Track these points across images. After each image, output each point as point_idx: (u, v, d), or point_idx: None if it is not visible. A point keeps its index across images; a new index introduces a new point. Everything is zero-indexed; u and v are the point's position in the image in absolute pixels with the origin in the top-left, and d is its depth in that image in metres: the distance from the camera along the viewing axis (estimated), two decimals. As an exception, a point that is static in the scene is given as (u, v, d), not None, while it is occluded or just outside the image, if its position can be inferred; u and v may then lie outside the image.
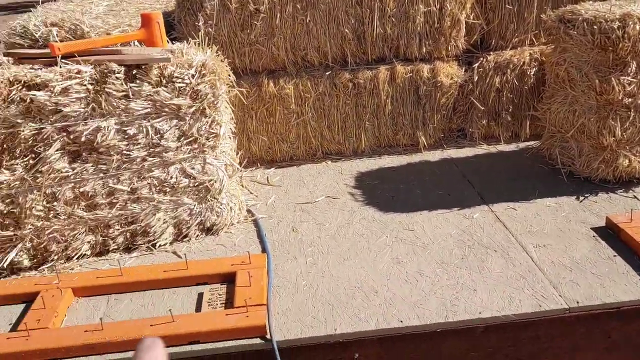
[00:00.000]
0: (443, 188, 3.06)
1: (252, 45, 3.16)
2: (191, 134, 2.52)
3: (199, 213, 2.67)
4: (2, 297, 2.34)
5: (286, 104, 3.29)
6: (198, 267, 2.41)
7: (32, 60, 2.44)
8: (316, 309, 2.19)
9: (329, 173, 3.31)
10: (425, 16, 3.21)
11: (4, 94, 2.24)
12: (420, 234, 2.65)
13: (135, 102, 2.38)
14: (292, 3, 3.08)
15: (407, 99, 3.38)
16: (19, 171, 2.35)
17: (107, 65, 2.33)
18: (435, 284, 2.29)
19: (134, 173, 2.49)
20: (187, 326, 2.06)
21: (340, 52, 3.26)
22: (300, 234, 2.71)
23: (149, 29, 2.56)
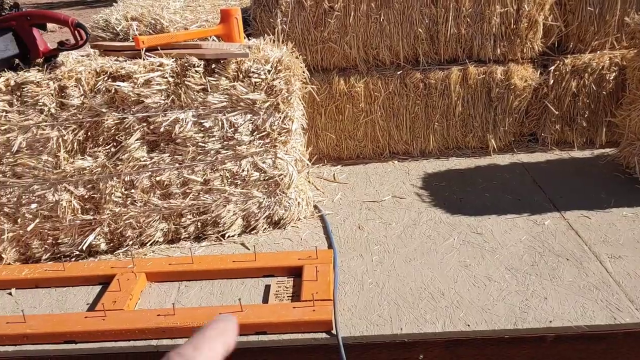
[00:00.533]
0: (513, 192, 3.00)
1: (325, 43, 3.19)
2: (264, 128, 2.56)
3: (267, 206, 2.71)
4: (80, 278, 2.45)
5: (356, 102, 3.30)
6: (266, 259, 2.45)
7: (117, 53, 2.54)
8: (382, 307, 2.19)
9: (395, 173, 3.31)
10: (502, 17, 3.15)
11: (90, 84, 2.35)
12: (489, 238, 2.61)
13: (213, 95, 2.45)
14: (367, 2, 3.09)
15: (479, 100, 3.33)
16: (101, 158, 2.45)
17: (188, 59, 2.41)
18: (504, 290, 2.25)
19: (207, 165, 2.56)
20: (254, 316, 2.11)
21: (412, 51, 3.24)
22: (366, 232, 2.71)
23: (228, 24, 2.62)
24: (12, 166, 2.40)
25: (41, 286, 2.46)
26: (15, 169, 2.40)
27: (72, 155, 2.44)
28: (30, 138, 2.37)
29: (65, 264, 2.52)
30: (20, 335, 2.11)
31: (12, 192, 2.44)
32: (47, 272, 2.48)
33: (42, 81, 2.33)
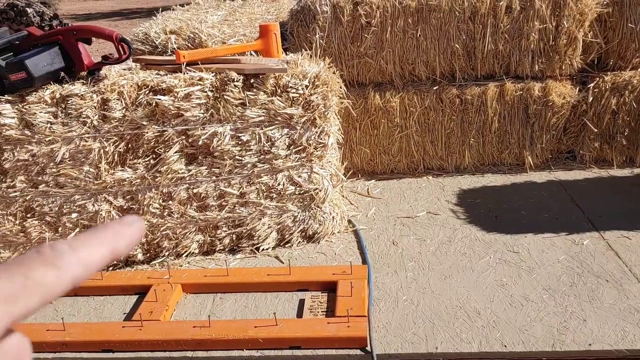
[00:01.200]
0: (550, 211, 2.95)
1: (361, 58, 3.20)
2: (300, 143, 2.58)
3: (302, 220, 2.72)
4: (118, 288, 2.49)
5: (391, 117, 3.30)
6: (300, 274, 2.46)
7: (158, 66, 2.59)
8: (417, 325, 2.17)
9: (430, 188, 3.29)
10: (540, 33, 3.12)
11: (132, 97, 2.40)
12: (526, 257, 2.57)
13: (251, 109, 2.48)
14: (404, 17, 3.09)
15: (516, 117, 3.30)
16: (140, 170, 2.50)
17: (227, 73, 2.44)
18: (542, 310, 2.21)
19: (244, 178, 2.59)
20: (289, 330, 2.11)
21: (448, 67, 3.23)
22: (400, 248, 2.70)
23: (267, 39, 2.66)
24: (55, 176, 2.45)
25: (80, 294, 2.51)
26: (58, 179, 2.46)
27: (113, 167, 2.49)
28: (73, 149, 2.43)
29: (103, 272, 2.57)
30: (59, 343, 2.15)
31: (54, 202, 2.50)
32: (86, 281, 2.52)
33: (86, 94, 2.39)
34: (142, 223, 0.47)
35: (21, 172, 2.44)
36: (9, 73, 2.29)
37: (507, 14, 3.09)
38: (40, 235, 2.53)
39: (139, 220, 0.47)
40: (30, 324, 2.31)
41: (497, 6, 3.07)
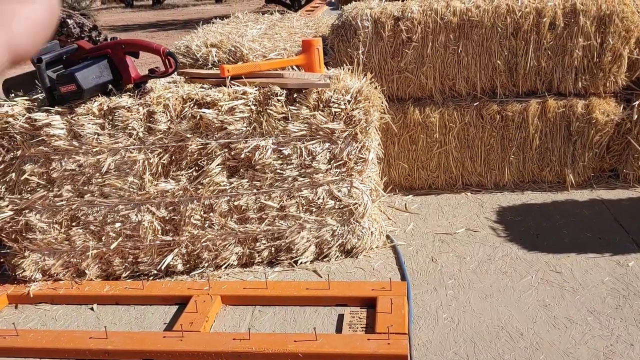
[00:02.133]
0: (592, 230, 2.90)
1: (401, 73, 3.20)
2: (341, 157, 2.58)
3: (340, 235, 2.72)
4: (158, 298, 2.52)
5: (430, 132, 3.29)
6: (339, 288, 2.45)
7: (202, 80, 2.63)
8: (458, 344, 2.15)
9: (468, 205, 3.26)
10: (584, 50, 3.08)
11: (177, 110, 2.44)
12: (569, 277, 2.52)
13: (293, 124, 2.49)
14: (445, 33, 3.09)
15: (557, 134, 3.25)
16: (183, 182, 2.53)
17: (271, 88, 2.46)
18: (587, 333, 2.17)
19: (284, 191, 2.60)
20: (329, 346, 2.10)
21: (489, 83, 3.21)
22: (439, 265, 2.68)
23: (309, 54, 2.68)
24: (101, 186, 2.50)
25: (121, 303, 2.54)
26: (103, 189, 2.51)
27: (156, 178, 2.53)
28: (119, 160, 2.47)
29: (144, 282, 2.60)
30: (102, 351, 2.18)
31: (99, 211, 2.55)
32: (127, 290, 2.56)
33: (132, 106, 2.44)
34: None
35: (68, 182, 2.49)
36: (59, 85, 2.35)
37: (551, 30, 3.06)
38: (84, 244, 2.57)
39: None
40: (72, 331, 2.36)
41: (540, 22, 3.04)
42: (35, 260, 2.61)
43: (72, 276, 2.67)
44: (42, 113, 2.42)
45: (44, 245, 2.58)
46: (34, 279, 2.63)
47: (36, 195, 2.49)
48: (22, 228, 2.55)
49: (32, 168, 2.47)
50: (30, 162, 2.47)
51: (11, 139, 2.44)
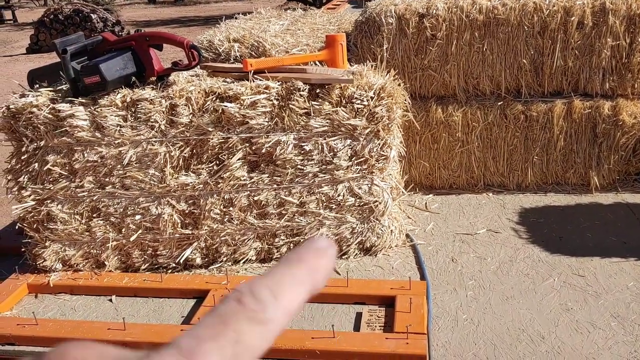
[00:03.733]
0: (617, 234, 2.84)
1: (425, 71, 3.17)
2: (362, 154, 2.56)
3: (360, 232, 2.70)
4: (176, 291, 2.52)
5: (452, 131, 3.25)
6: (358, 287, 2.43)
7: (225, 74, 2.62)
8: (477, 346, 2.12)
9: (490, 205, 3.21)
10: (613, 50, 3.02)
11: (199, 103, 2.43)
12: (592, 281, 2.48)
13: (315, 119, 2.48)
14: (470, 31, 3.05)
15: (583, 136, 3.20)
16: (203, 175, 2.53)
17: (294, 83, 2.45)
18: (610, 339, 2.12)
19: (304, 187, 2.59)
20: (347, 344, 2.09)
21: (514, 82, 3.16)
22: (460, 266, 2.64)
23: (333, 50, 2.66)
24: (122, 178, 2.51)
25: (139, 295, 2.55)
26: (124, 181, 2.51)
27: (177, 171, 2.53)
28: (140, 152, 2.48)
29: (163, 275, 2.61)
30: (120, 342, 2.18)
31: (120, 203, 2.56)
32: (146, 283, 2.57)
33: (155, 99, 2.44)
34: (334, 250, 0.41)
35: (90, 173, 2.51)
36: (83, 76, 2.36)
37: (579, 29, 3.00)
38: (104, 235, 2.58)
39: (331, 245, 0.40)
40: (91, 321, 2.37)
41: (568, 21, 2.99)
42: (55, 251, 2.63)
43: (91, 267, 2.68)
44: (66, 104, 2.44)
45: (64, 236, 2.59)
46: (54, 269, 2.65)
47: (58, 186, 2.50)
48: (43, 218, 2.57)
49: (54, 159, 2.48)
50: (53, 152, 2.49)
51: (35, 130, 2.45)
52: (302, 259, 0.38)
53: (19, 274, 2.63)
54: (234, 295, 0.35)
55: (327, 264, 0.39)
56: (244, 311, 0.34)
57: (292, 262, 0.38)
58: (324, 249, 0.39)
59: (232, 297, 0.35)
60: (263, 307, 0.35)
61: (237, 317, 0.34)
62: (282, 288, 0.36)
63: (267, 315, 0.35)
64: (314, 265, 0.38)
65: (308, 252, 0.39)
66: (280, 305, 0.36)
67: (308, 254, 0.39)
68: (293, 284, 0.37)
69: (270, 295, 0.35)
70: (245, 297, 0.35)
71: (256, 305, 0.35)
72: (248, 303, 0.35)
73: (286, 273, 0.37)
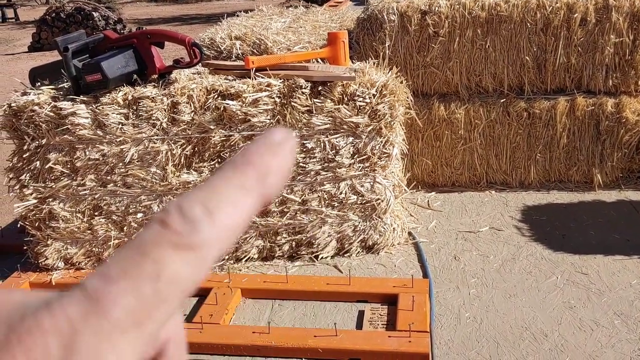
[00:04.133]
0: (620, 232, 2.83)
1: (427, 68, 3.16)
2: (365, 152, 2.55)
3: (362, 230, 2.69)
4: (178, 288, 2.51)
5: (455, 128, 3.24)
6: (360, 284, 2.43)
7: (227, 72, 2.62)
8: (480, 344, 2.11)
9: (493, 203, 3.20)
10: (616, 47, 3.01)
11: (200, 101, 2.43)
12: (595, 279, 2.47)
13: (317, 117, 2.47)
14: (473, 28, 3.04)
15: (586, 133, 3.19)
16: (205, 173, 2.52)
17: (296, 80, 2.44)
18: (613, 337, 2.12)
19: (306, 185, 2.58)
20: (349, 342, 2.08)
21: (517, 79, 3.15)
22: (462, 263, 2.64)
23: (335, 47, 2.65)
24: (124, 176, 2.50)
25: (142, 293, 2.54)
26: (126, 179, 2.51)
27: (179, 169, 2.52)
28: (142, 150, 2.47)
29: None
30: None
31: (121, 201, 2.55)
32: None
33: (156, 97, 2.43)
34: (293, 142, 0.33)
35: (91, 171, 2.50)
36: (85, 74, 2.35)
37: (582, 26, 2.99)
38: (106, 234, 2.58)
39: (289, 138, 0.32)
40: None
41: (571, 18, 2.98)
42: (57, 249, 2.62)
43: (93, 265, 2.67)
44: (67, 102, 2.43)
45: (66, 234, 2.59)
46: (56, 268, 2.65)
47: (60, 184, 2.50)
48: (45, 216, 2.56)
49: (56, 157, 2.48)
50: (55, 150, 2.48)
51: (37, 128, 2.45)
52: (250, 160, 0.31)
53: (21, 273, 2.63)
54: (158, 216, 0.28)
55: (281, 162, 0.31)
56: (168, 235, 0.27)
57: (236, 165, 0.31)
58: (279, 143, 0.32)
59: (155, 219, 0.28)
60: (193, 227, 0.27)
61: (159, 244, 0.27)
62: (220, 201, 0.29)
63: (199, 238, 0.27)
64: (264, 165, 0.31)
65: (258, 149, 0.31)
66: (217, 223, 0.28)
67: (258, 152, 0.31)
68: (234, 194, 0.29)
69: (203, 211, 0.28)
70: (171, 217, 0.27)
71: (184, 226, 0.27)
72: (174, 224, 0.27)
73: (227, 180, 0.30)
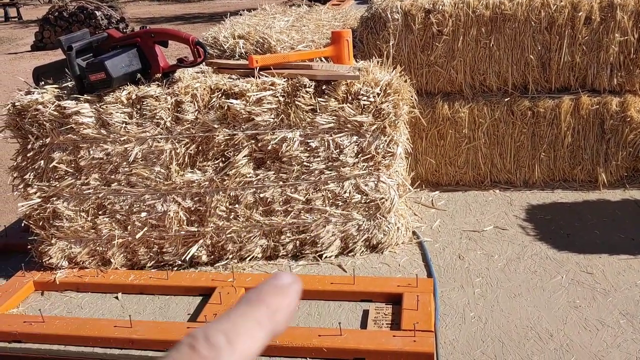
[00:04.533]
0: (625, 231, 2.82)
1: (431, 67, 3.15)
2: (369, 151, 2.55)
3: (366, 229, 2.69)
4: (182, 288, 2.52)
5: (459, 127, 3.23)
6: (365, 284, 2.42)
7: (230, 71, 2.61)
8: (485, 343, 2.10)
9: (497, 202, 3.20)
10: (621, 45, 3.00)
11: (204, 100, 2.42)
12: (600, 278, 2.46)
13: (321, 116, 2.46)
14: (477, 26, 3.03)
15: (590, 132, 3.18)
16: (209, 172, 2.52)
17: (299, 79, 2.44)
18: (619, 336, 2.11)
19: (310, 184, 2.58)
20: (354, 341, 2.08)
21: (521, 78, 3.14)
22: (467, 263, 2.63)
23: (339, 46, 2.64)
24: (127, 175, 2.50)
25: (145, 293, 2.54)
26: (130, 178, 2.51)
27: (183, 168, 2.52)
28: (146, 149, 2.47)
29: (169, 272, 2.60)
30: (127, 340, 2.18)
31: (125, 200, 2.55)
32: (152, 280, 2.56)
33: (160, 96, 2.43)
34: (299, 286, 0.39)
35: (95, 170, 2.50)
36: (89, 73, 2.35)
37: (586, 25, 2.98)
38: (110, 233, 2.58)
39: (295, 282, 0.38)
40: (98, 319, 2.36)
41: (575, 17, 2.97)
42: (61, 248, 2.62)
43: (97, 264, 2.67)
44: (71, 101, 2.43)
45: (70, 233, 2.59)
46: (60, 267, 2.65)
47: (64, 183, 2.50)
48: (49, 215, 2.56)
49: (60, 156, 2.48)
50: (59, 150, 2.48)
51: (40, 127, 2.45)
52: (262, 298, 0.37)
53: (25, 272, 2.63)
54: (187, 340, 0.33)
55: (289, 302, 0.37)
56: (195, 358, 0.33)
57: (251, 302, 0.36)
58: (287, 285, 0.38)
59: (185, 343, 0.33)
60: (216, 354, 0.33)
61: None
62: (239, 332, 0.35)
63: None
64: (274, 305, 0.37)
65: (269, 290, 0.37)
66: (236, 351, 0.34)
67: (269, 292, 0.37)
68: (251, 327, 0.35)
69: (225, 340, 0.34)
70: (198, 343, 0.33)
71: (209, 352, 0.33)
72: (201, 350, 0.33)
73: (244, 315, 0.35)
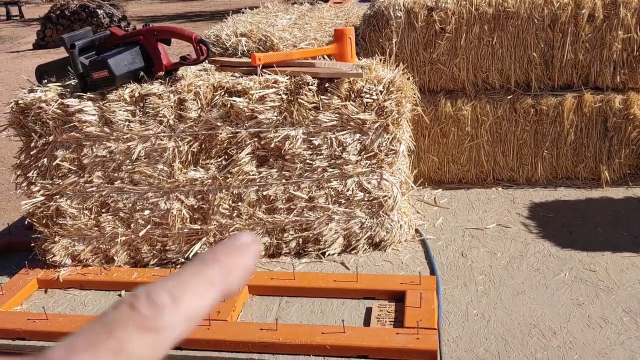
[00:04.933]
0: (628, 229, 2.82)
1: (433, 65, 3.15)
2: (372, 149, 2.55)
3: (369, 227, 2.69)
4: (186, 285, 2.52)
5: (461, 125, 3.23)
6: (367, 281, 2.42)
7: (233, 68, 2.61)
8: (488, 341, 2.10)
9: (499, 200, 3.19)
10: (624, 43, 2.99)
11: (207, 97, 2.43)
12: (604, 276, 2.46)
13: (324, 114, 2.46)
14: (480, 24, 3.02)
15: (593, 130, 3.17)
16: (212, 170, 2.52)
17: (302, 77, 2.44)
18: (622, 334, 2.11)
19: (313, 182, 2.58)
20: (357, 339, 2.08)
21: (524, 76, 3.14)
22: (469, 260, 2.63)
23: (341, 44, 2.64)
24: (131, 173, 2.51)
25: (149, 290, 2.54)
26: (133, 176, 2.51)
27: (186, 166, 2.52)
28: (149, 147, 2.47)
29: (172, 270, 2.60)
30: (130, 338, 2.18)
31: (128, 198, 2.55)
32: (155, 278, 2.56)
33: (163, 94, 2.43)
34: (258, 246, 0.37)
35: (99, 168, 2.50)
36: (92, 71, 2.35)
37: (589, 22, 2.97)
38: (113, 230, 2.58)
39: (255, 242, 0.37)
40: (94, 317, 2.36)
41: (578, 14, 2.96)
42: (65, 246, 2.63)
43: (100, 262, 2.68)
44: (74, 99, 2.43)
45: (74, 231, 2.60)
46: (63, 264, 2.65)
47: (67, 181, 2.50)
48: (52, 213, 2.57)
49: (63, 154, 2.48)
50: (62, 148, 2.49)
51: (44, 125, 2.45)
52: (217, 258, 0.35)
53: (28, 269, 2.64)
54: (128, 299, 0.32)
55: (245, 262, 0.36)
56: (134, 317, 0.31)
57: (205, 261, 0.35)
58: (245, 245, 0.36)
59: (125, 301, 0.32)
60: (158, 312, 0.32)
61: (125, 324, 0.31)
62: (185, 291, 0.33)
63: (162, 322, 0.31)
64: (229, 264, 0.35)
65: (225, 249, 0.36)
66: (180, 310, 0.32)
67: (225, 252, 0.36)
68: (200, 286, 0.33)
69: (168, 299, 0.32)
70: (139, 302, 0.32)
71: (150, 311, 0.31)
72: (141, 308, 0.31)
73: (195, 274, 0.34)
